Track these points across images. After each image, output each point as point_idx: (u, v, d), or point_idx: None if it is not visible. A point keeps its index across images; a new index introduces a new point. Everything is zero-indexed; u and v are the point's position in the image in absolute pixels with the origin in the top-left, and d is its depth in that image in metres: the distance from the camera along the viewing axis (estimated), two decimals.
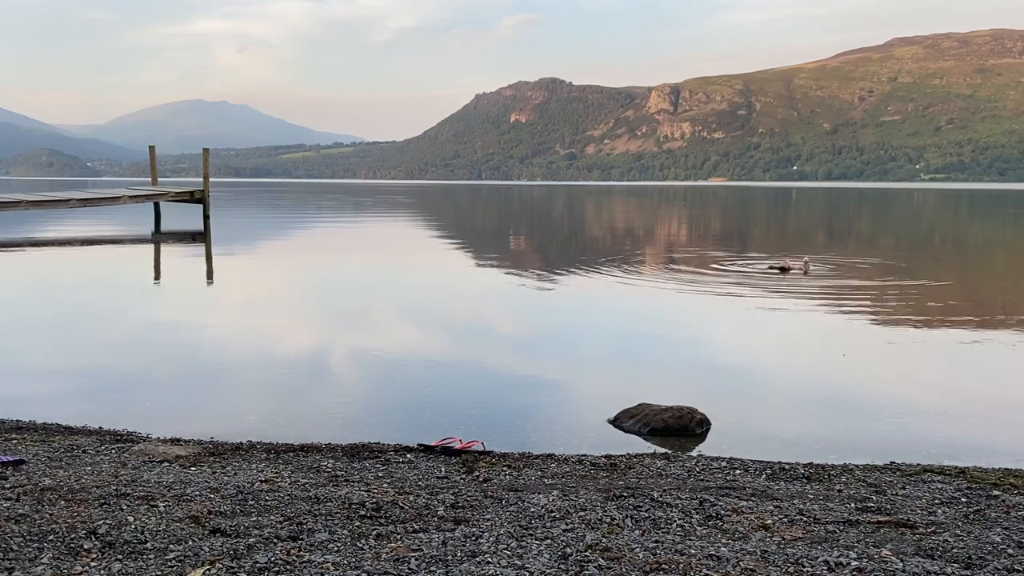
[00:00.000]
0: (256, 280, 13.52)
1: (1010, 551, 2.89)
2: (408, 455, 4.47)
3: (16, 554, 2.72)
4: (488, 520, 3.19)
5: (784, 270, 13.73)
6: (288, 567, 2.64)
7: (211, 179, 27.41)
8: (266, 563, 2.67)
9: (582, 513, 3.28)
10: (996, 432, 5.35)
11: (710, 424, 5.30)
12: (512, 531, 3.04)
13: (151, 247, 19.48)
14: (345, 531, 3.03)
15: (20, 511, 3.15)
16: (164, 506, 3.28)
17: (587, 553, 2.79)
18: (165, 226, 24.98)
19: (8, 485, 3.55)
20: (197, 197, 26.10)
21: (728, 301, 10.82)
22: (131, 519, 3.08)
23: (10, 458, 4.00)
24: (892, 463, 4.40)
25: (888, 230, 29.50)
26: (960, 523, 3.26)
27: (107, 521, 3.04)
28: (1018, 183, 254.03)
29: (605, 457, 4.49)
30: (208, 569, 2.62)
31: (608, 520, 3.19)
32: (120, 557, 2.72)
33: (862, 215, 42.86)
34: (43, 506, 3.23)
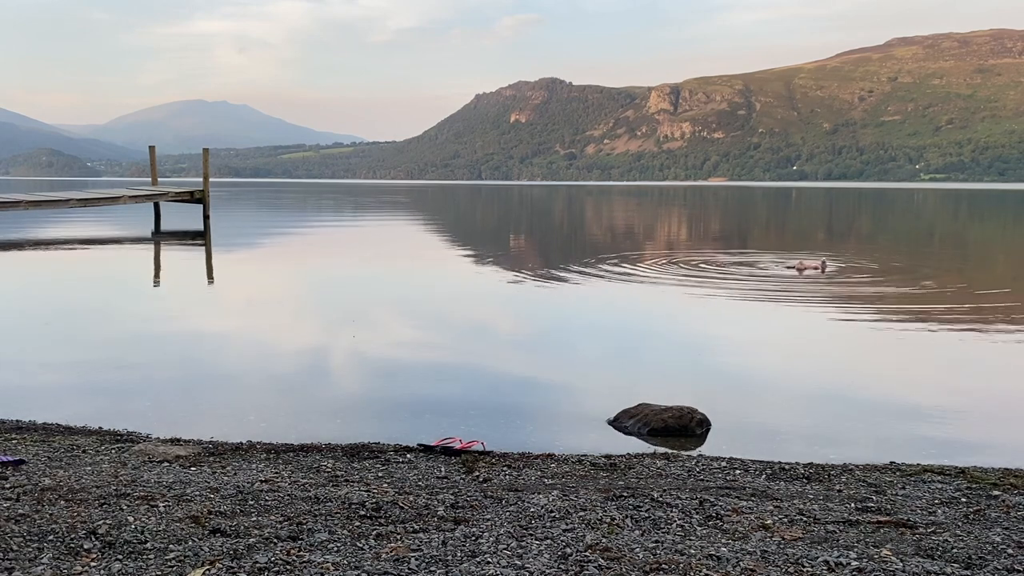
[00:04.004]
0: (256, 280, 13.52)
1: (1010, 551, 2.89)
2: (408, 455, 4.47)
3: (16, 554, 2.72)
4: (488, 520, 3.19)
5: (801, 271, 14.00)
6: (288, 567, 2.64)
7: (211, 179, 27.42)
8: (266, 563, 2.67)
9: (582, 513, 3.28)
10: (996, 432, 5.35)
11: (710, 424, 5.30)
12: (512, 531, 3.04)
13: (151, 247, 19.48)
14: (345, 531, 3.03)
15: (20, 511, 3.15)
16: (164, 506, 3.28)
17: (587, 553, 2.79)
18: (165, 226, 24.98)
19: (8, 485, 3.55)
20: (197, 197, 26.11)
21: (728, 301, 10.82)
22: (131, 519, 3.08)
23: (10, 458, 4.00)
24: (892, 463, 4.39)
25: (888, 230, 29.51)
26: (960, 523, 3.26)
27: (107, 521, 3.05)
28: (1018, 183, 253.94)
29: (605, 457, 4.49)
30: (208, 569, 2.62)
31: (608, 520, 3.19)
32: (120, 557, 2.72)
33: (862, 215, 42.87)
34: (43, 506, 3.23)
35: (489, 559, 2.73)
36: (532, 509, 3.34)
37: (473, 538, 2.95)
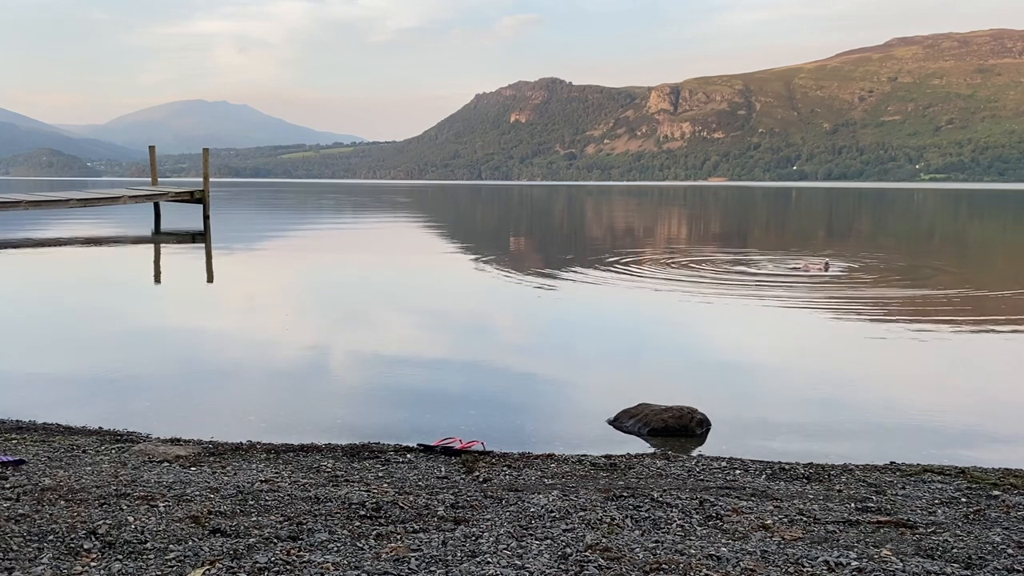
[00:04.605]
0: (256, 280, 13.52)
1: (1010, 551, 2.89)
2: (408, 455, 4.47)
3: (16, 554, 2.72)
4: (488, 520, 3.19)
5: (806, 270, 14.44)
6: (288, 567, 2.64)
7: (211, 179, 27.42)
8: (266, 563, 2.67)
9: (582, 513, 3.28)
10: (996, 432, 5.35)
11: (710, 424, 5.30)
12: (512, 531, 3.04)
13: (151, 247, 19.48)
14: (345, 531, 3.03)
15: (20, 511, 3.15)
16: (164, 506, 3.28)
17: (587, 553, 2.79)
18: (165, 226, 24.97)
19: (8, 485, 3.55)
20: (197, 197, 26.10)
21: (728, 301, 10.82)
22: (131, 519, 3.08)
23: (10, 458, 4.00)
24: (892, 463, 4.39)
25: (888, 230, 29.50)
26: (960, 523, 3.26)
27: (107, 521, 3.05)
28: (1018, 183, 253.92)
29: (605, 457, 4.49)
30: (208, 569, 2.62)
31: (608, 520, 3.19)
32: (120, 557, 2.72)
33: (862, 215, 42.87)
34: (43, 506, 3.23)
35: (489, 559, 2.73)
36: (532, 509, 3.34)
37: (473, 538, 2.95)
